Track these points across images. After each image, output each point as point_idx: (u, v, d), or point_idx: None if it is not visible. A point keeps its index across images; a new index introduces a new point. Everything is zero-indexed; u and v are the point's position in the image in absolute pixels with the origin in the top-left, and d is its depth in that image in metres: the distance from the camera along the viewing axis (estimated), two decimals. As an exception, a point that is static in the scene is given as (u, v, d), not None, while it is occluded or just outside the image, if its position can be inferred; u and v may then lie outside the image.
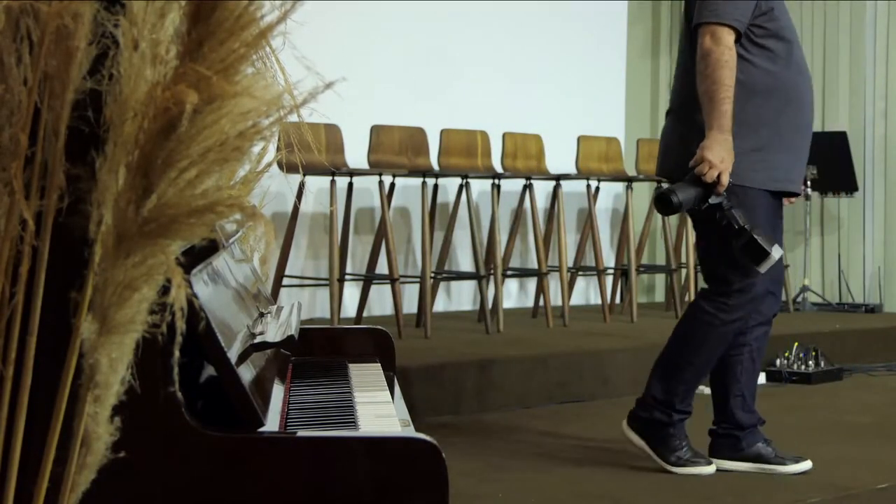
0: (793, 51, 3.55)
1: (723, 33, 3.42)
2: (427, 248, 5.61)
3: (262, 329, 2.01)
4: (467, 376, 4.71)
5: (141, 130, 1.50)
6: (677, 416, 3.61)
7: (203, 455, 1.62)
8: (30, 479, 1.55)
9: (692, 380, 3.62)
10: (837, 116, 7.55)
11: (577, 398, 4.70)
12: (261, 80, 1.53)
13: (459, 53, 6.76)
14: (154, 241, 1.50)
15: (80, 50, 1.53)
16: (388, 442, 1.65)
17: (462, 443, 4.07)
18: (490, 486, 3.46)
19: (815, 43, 7.66)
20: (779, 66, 3.53)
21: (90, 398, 1.51)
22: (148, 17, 1.52)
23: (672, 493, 3.40)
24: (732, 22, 3.44)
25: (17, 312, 1.55)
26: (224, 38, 1.50)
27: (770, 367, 5.66)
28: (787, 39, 3.54)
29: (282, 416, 1.89)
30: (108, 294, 1.50)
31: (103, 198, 1.51)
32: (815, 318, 6.76)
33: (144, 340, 1.54)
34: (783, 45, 3.54)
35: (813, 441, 4.19)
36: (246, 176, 2.27)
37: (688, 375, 3.61)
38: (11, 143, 1.53)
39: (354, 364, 2.45)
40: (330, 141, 5.75)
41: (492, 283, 5.87)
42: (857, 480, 3.54)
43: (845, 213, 7.57)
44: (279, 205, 5.76)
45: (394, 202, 6.02)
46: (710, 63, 3.40)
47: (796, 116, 3.56)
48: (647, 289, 8.13)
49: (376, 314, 6.35)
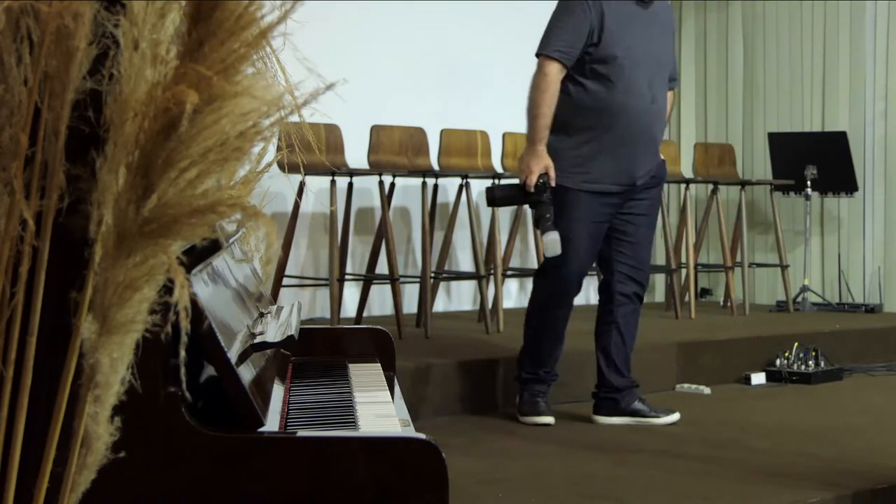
0: (624, 73, 4.23)
1: (545, 63, 4.21)
2: (427, 248, 5.61)
3: (262, 329, 2.01)
4: (467, 376, 4.71)
5: (141, 130, 1.50)
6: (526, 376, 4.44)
7: (203, 455, 1.62)
8: (30, 479, 1.55)
9: (532, 348, 4.43)
10: (837, 116, 7.54)
11: (577, 398, 4.71)
12: (261, 81, 1.53)
13: (459, 53, 6.76)
14: (155, 241, 1.50)
15: (81, 50, 1.53)
16: (388, 442, 1.65)
17: (462, 443, 4.07)
18: (490, 486, 3.46)
19: (815, 43, 7.66)
20: (606, 87, 4.23)
21: (90, 398, 1.51)
22: (148, 17, 1.52)
23: (672, 493, 3.40)
24: (554, 53, 4.20)
25: (17, 312, 1.55)
26: (224, 38, 1.50)
27: (770, 367, 5.66)
28: (618, 64, 4.22)
29: (282, 416, 1.89)
30: (109, 294, 1.50)
31: (103, 198, 1.51)
32: (815, 318, 6.76)
33: (145, 340, 1.54)
34: (614, 69, 4.22)
35: (813, 441, 4.19)
36: (246, 176, 2.27)
37: (528, 344, 4.45)
38: (11, 143, 1.53)
39: (354, 364, 2.45)
40: (330, 141, 5.75)
41: (492, 283, 5.87)
42: (857, 480, 3.54)
43: (845, 213, 7.56)
44: (279, 205, 5.76)
45: (394, 202, 6.02)
46: (532, 88, 4.23)
47: (620, 130, 4.24)
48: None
49: (376, 314, 6.35)
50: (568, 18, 4.25)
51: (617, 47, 4.23)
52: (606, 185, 4.27)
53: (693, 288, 6.81)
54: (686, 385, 5.35)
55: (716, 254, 7.75)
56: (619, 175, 4.28)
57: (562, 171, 4.23)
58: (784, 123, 7.79)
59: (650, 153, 4.34)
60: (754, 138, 7.96)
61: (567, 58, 4.21)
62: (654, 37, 4.34)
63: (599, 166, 4.26)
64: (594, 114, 4.25)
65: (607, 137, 4.25)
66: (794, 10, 7.76)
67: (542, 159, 4.18)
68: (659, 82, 4.33)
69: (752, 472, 3.65)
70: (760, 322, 6.51)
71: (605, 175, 4.27)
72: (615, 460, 3.83)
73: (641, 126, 4.28)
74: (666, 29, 4.42)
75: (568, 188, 4.24)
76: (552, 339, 4.41)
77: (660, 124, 4.39)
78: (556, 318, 4.39)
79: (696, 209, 7.56)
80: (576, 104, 4.25)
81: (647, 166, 4.34)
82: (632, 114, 4.25)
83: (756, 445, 4.09)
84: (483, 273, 5.88)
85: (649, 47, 4.31)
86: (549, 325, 4.39)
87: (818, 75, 7.65)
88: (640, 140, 4.29)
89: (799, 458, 3.88)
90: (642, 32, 4.30)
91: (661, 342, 5.51)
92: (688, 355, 5.48)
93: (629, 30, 4.27)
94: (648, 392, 4.96)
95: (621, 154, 4.26)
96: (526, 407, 4.43)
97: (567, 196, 4.24)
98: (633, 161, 4.29)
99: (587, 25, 4.21)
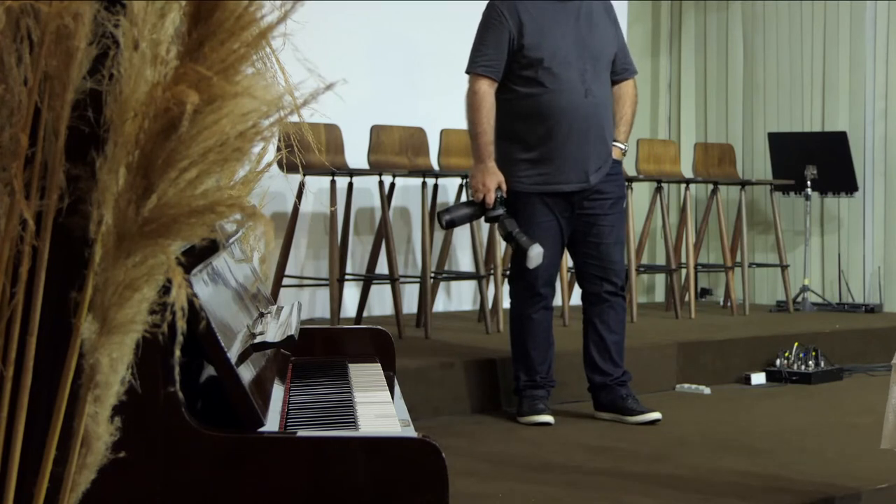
0: (552, 73, 4.28)
1: (474, 81, 4.34)
2: (427, 248, 5.61)
3: (262, 329, 2.01)
4: (467, 376, 4.71)
5: (141, 130, 1.50)
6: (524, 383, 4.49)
7: (203, 455, 1.62)
8: (30, 479, 1.55)
9: (522, 356, 4.46)
10: (837, 116, 7.54)
11: (577, 398, 4.71)
12: (261, 81, 1.53)
13: (459, 53, 6.75)
14: (154, 241, 1.50)
15: (81, 50, 1.53)
16: (388, 442, 1.65)
17: (462, 443, 4.07)
18: (490, 486, 3.46)
19: (815, 43, 7.66)
20: (538, 90, 4.30)
21: (90, 398, 1.51)
22: (148, 17, 1.52)
23: (672, 493, 3.40)
24: (480, 69, 4.32)
25: (17, 312, 1.55)
26: (224, 38, 1.49)
27: (770, 367, 5.66)
28: (544, 65, 4.27)
29: (282, 416, 1.89)
30: (109, 294, 1.50)
31: (103, 198, 1.51)
32: (815, 318, 6.76)
33: (144, 340, 1.53)
34: (541, 71, 4.28)
35: (813, 441, 4.19)
36: (246, 176, 2.26)
37: (517, 352, 4.48)
38: (11, 143, 1.52)
39: (354, 364, 2.44)
40: (330, 141, 5.75)
41: (492, 283, 5.87)
42: (857, 480, 3.54)
43: (845, 213, 7.56)
44: (279, 205, 5.76)
45: (394, 202, 6.02)
46: (467, 108, 4.35)
47: (562, 129, 4.29)
48: (647, 289, 8.13)
49: (376, 314, 6.35)
50: (487, 32, 4.35)
51: (540, 49, 4.29)
52: (559, 185, 4.34)
53: (693, 288, 6.81)
54: (686, 385, 5.35)
55: (716, 254, 7.75)
56: (570, 173, 4.34)
57: (514, 177, 4.32)
58: (784, 123, 7.79)
59: (599, 146, 4.37)
60: (754, 138, 7.96)
61: (493, 71, 4.31)
62: (581, 29, 4.36)
63: (549, 167, 4.33)
64: (533, 118, 4.32)
65: (551, 138, 4.31)
66: (794, 10, 7.76)
67: (494, 175, 4.28)
68: (593, 74, 4.35)
69: (753, 472, 3.65)
70: (760, 322, 6.51)
71: (557, 175, 4.33)
72: (615, 460, 3.83)
73: (581, 121, 4.31)
74: (597, 20, 4.42)
75: (520, 192, 4.33)
76: (539, 345, 4.45)
77: (605, 117, 4.41)
78: (535, 322, 4.43)
79: (696, 209, 7.57)
80: (514, 111, 4.34)
81: (599, 161, 4.38)
82: (569, 111, 4.29)
83: (756, 445, 4.09)
84: (483, 273, 5.88)
85: (577, 41, 4.33)
86: (530, 329, 4.43)
87: (818, 75, 7.65)
88: (585, 136, 4.33)
89: (799, 459, 3.87)
90: (566, 28, 4.34)
91: (661, 342, 5.51)
92: (688, 355, 5.48)
93: (551, 28, 4.32)
94: (648, 392, 4.97)
95: (568, 152, 4.32)
96: (525, 407, 4.45)
97: (521, 200, 4.33)
98: (582, 157, 4.34)
99: (506, 34, 4.29)
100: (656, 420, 4.43)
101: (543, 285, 4.40)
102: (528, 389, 4.46)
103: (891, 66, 7.37)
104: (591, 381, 4.52)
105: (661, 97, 8.23)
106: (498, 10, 4.34)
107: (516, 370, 4.49)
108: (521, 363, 4.47)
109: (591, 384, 4.53)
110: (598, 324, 4.47)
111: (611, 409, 4.49)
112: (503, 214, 4.26)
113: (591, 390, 4.54)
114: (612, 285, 4.46)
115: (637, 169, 7.07)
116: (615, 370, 4.48)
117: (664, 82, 8.25)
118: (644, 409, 4.45)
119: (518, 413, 4.48)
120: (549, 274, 4.42)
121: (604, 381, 4.49)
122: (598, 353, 4.47)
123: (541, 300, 4.42)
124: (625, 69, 4.54)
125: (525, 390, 4.46)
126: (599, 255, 4.43)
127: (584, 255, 4.46)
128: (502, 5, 4.33)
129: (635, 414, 4.44)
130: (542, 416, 4.40)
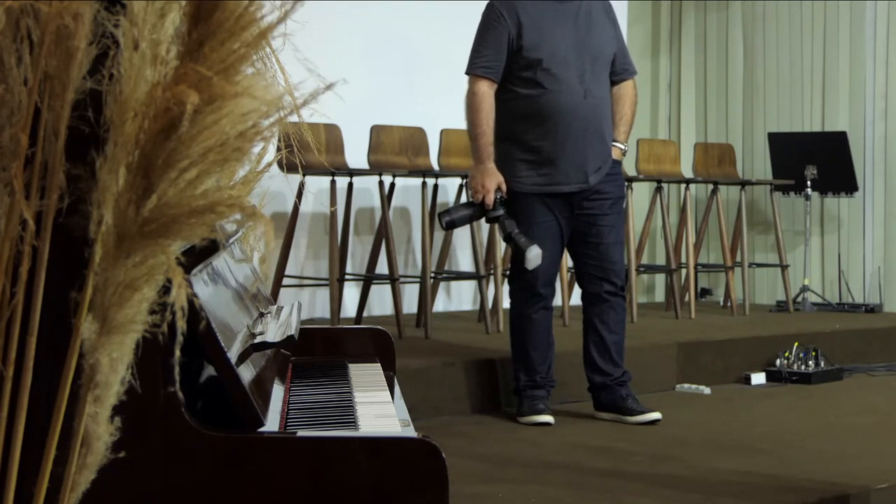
0: (551, 74, 4.28)
1: (474, 82, 4.34)
2: (427, 248, 5.61)
3: (262, 329, 2.01)
4: (467, 376, 4.71)
5: (141, 130, 1.50)
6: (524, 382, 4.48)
7: (203, 455, 1.62)
8: (30, 479, 1.55)
9: (521, 357, 4.46)
10: (837, 116, 7.54)
11: (577, 398, 4.71)
12: (261, 81, 1.53)
13: (459, 53, 6.75)
14: (154, 241, 1.50)
15: (81, 50, 1.53)
16: (388, 442, 1.65)
17: (462, 443, 4.07)
18: (490, 486, 3.46)
19: (815, 43, 7.66)
20: (537, 91, 4.30)
21: (90, 398, 1.51)
22: (148, 17, 1.52)
23: (672, 493, 3.40)
24: (479, 70, 4.33)
25: (17, 312, 1.55)
26: (224, 38, 1.49)
27: (770, 367, 5.66)
28: (543, 66, 4.28)
29: (282, 416, 1.89)
30: (109, 294, 1.50)
31: (103, 198, 1.51)
32: (815, 318, 6.76)
33: (144, 340, 1.54)
34: (540, 72, 4.28)
35: (813, 441, 4.19)
36: (246, 176, 2.26)
37: (517, 353, 4.48)
38: (11, 143, 1.52)
39: (354, 364, 2.44)
40: (330, 141, 5.75)
41: (492, 283, 5.87)
42: (857, 480, 3.54)
43: (845, 213, 7.56)
44: (279, 205, 5.76)
45: (394, 202, 6.02)
46: (467, 109, 4.36)
47: (560, 130, 4.30)
48: (647, 289, 8.13)
49: (376, 314, 6.35)
50: (486, 33, 4.35)
51: (539, 50, 4.29)
52: (559, 185, 4.34)
53: (693, 288, 6.81)
54: (686, 385, 5.35)
55: (716, 254, 7.75)
56: (570, 173, 4.34)
57: (513, 178, 4.33)
58: (784, 123, 7.79)
59: (598, 146, 4.38)
60: (754, 138, 7.96)
61: (493, 72, 4.33)
62: (580, 30, 4.37)
63: (548, 168, 4.33)
64: (532, 118, 4.32)
65: (549, 139, 4.32)
66: (794, 10, 7.76)
67: (494, 176, 4.29)
68: (592, 75, 4.35)
69: (752, 472, 3.65)
70: (760, 322, 6.51)
71: (556, 175, 4.33)
72: (615, 460, 3.83)
73: (581, 122, 4.32)
74: (597, 20, 4.43)
75: (520, 193, 4.34)
76: (539, 345, 4.46)
77: (604, 117, 4.42)
78: (535, 322, 4.43)
79: (696, 209, 7.56)
80: (514, 112, 4.35)
81: (598, 161, 4.38)
82: (568, 112, 4.30)
83: (756, 445, 4.09)
84: (483, 273, 5.88)
85: (576, 42, 4.34)
86: (530, 330, 4.44)
87: (818, 75, 7.65)
88: (584, 136, 4.34)
89: (799, 459, 3.87)
90: (565, 28, 4.35)
91: (661, 342, 5.51)
92: (688, 355, 5.48)
93: (550, 29, 4.33)
94: (648, 392, 4.97)
95: (567, 152, 4.32)
96: (525, 407, 4.45)
97: (521, 201, 4.34)
98: (581, 157, 4.34)
99: (505, 35, 4.30)
100: (656, 420, 4.43)
101: (543, 285, 4.41)
102: (528, 389, 4.47)
103: (891, 66, 7.37)
104: (591, 381, 4.53)
105: (661, 97, 8.22)
106: (497, 10, 4.34)
107: (516, 370, 4.50)
108: (521, 363, 4.48)
109: (591, 384, 4.53)
110: (598, 324, 4.48)
111: (611, 409, 4.49)
112: (503, 215, 4.28)
113: (591, 390, 4.55)
114: (611, 285, 4.46)
115: (637, 169, 7.07)
116: (615, 370, 4.48)
117: (664, 82, 8.25)
118: (644, 409, 4.45)
119: (518, 413, 4.49)
120: (549, 274, 4.43)
121: (604, 381, 4.50)
122: (598, 353, 4.48)
123: (540, 300, 4.43)
124: (624, 69, 4.54)
125: (525, 390, 4.47)
126: (599, 256, 4.44)
127: (584, 255, 4.47)
128: (501, 6, 4.34)
129: (635, 414, 4.44)
130: (542, 416, 4.41)
